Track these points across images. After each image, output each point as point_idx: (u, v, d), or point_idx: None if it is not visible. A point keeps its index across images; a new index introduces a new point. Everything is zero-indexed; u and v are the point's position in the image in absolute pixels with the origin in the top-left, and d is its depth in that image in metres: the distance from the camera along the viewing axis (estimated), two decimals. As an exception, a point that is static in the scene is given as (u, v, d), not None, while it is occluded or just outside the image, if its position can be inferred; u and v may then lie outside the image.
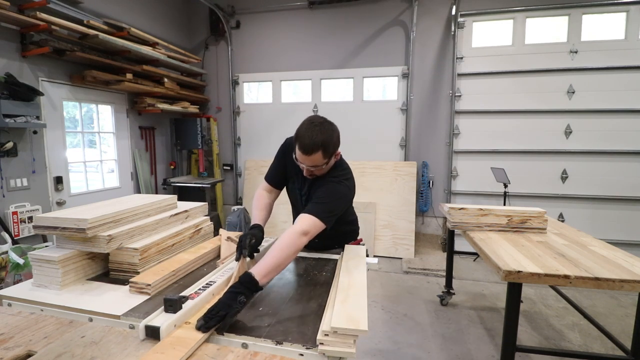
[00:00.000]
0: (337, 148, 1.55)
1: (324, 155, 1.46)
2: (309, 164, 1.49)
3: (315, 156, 1.45)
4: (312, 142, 1.43)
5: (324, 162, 1.50)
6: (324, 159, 1.48)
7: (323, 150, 1.45)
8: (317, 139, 1.43)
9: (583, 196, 4.51)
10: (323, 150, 1.45)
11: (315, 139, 1.43)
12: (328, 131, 1.48)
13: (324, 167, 1.54)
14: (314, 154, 1.45)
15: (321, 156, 1.46)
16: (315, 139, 1.43)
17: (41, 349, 0.98)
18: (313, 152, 1.44)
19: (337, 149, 1.55)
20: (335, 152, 1.54)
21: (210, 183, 4.99)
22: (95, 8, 3.84)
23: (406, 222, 4.67)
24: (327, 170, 1.58)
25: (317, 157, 1.46)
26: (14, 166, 3.12)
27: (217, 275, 1.38)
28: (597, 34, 4.33)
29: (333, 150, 1.51)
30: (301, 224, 1.34)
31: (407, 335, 2.82)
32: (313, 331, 1.04)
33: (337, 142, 1.54)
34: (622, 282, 1.71)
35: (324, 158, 1.48)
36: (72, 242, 1.41)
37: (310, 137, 1.44)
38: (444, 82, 4.83)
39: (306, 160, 1.48)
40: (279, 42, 5.34)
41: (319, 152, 1.45)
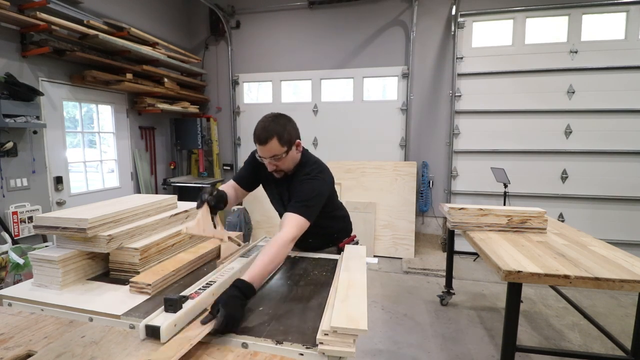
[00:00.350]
0: (294, 137, 1.55)
1: (280, 142, 1.48)
2: (268, 154, 1.50)
3: (271, 144, 1.47)
4: (265, 130, 1.47)
5: (282, 151, 1.50)
6: (281, 147, 1.49)
7: (278, 137, 1.47)
8: (270, 127, 1.47)
9: (583, 196, 4.51)
10: (278, 138, 1.47)
11: (267, 127, 1.47)
12: (281, 120, 1.52)
13: (286, 158, 1.54)
14: (270, 142, 1.47)
15: (277, 144, 1.48)
16: (268, 127, 1.47)
17: (41, 349, 0.98)
18: (268, 140, 1.46)
19: (295, 138, 1.56)
20: (294, 141, 1.55)
21: (210, 183, 4.99)
22: (95, 8, 3.84)
23: (406, 222, 4.67)
24: (292, 165, 1.60)
25: (274, 144, 1.47)
26: (14, 166, 3.12)
27: (217, 275, 1.38)
28: (597, 34, 4.33)
29: (289, 137, 1.51)
30: (287, 230, 1.38)
31: (407, 335, 2.82)
32: (313, 331, 1.04)
33: (292, 130, 1.55)
34: (622, 282, 1.71)
35: (282, 146, 1.49)
36: (72, 242, 1.41)
37: (263, 127, 1.48)
38: (444, 82, 4.83)
39: (265, 152, 1.50)
40: (279, 42, 5.34)
41: (274, 139, 1.46)
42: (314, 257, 1.79)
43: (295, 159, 1.61)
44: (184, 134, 5.19)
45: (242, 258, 1.59)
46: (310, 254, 1.83)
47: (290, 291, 1.38)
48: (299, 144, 1.59)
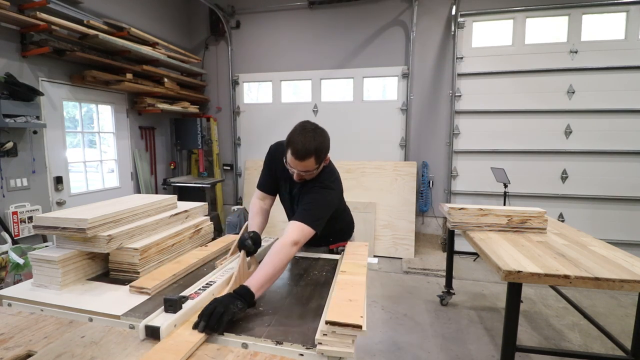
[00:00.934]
0: (327, 154, 1.58)
1: (316, 161, 1.50)
2: (301, 169, 1.51)
3: (308, 162, 1.48)
4: (305, 148, 1.45)
5: (315, 168, 1.52)
6: (315, 165, 1.51)
7: (316, 156, 1.48)
8: (311, 146, 1.46)
9: (583, 196, 4.51)
10: (316, 157, 1.48)
11: (308, 145, 1.46)
12: (320, 137, 1.51)
13: (315, 172, 1.56)
14: (307, 160, 1.47)
15: (314, 162, 1.49)
16: (309, 146, 1.46)
17: (41, 349, 0.98)
18: (306, 158, 1.47)
19: (327, 154, 1.58)
20: (326, 157, 1.58)
21: (210, 183, 4.99)
22: (95, 8, 3.84)
23: (406, 222, 4.67)
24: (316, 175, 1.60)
25: (310, 162, 1.49)
26: (14, 166, 3.12)
27: (217, 276, 1.38)
28: (597, 34, 4.33)
29: (324, 156, 1.55)
30: (291, 234, 1.38)
31: (407, 335, 2.82)
32: (313, 331, 1.04)
33: (328, 148, 1.57)
34: (622, 282, 1.71)
35: (316, 164, 1.51)
36: (72, 242, 1.41)
37: (304, 143, 1.46)
38: (444, 82, 4.83)
39: (298, 166, 1.50)
40: (279, 42, 5.34)
41: (312, 158, 1.47)
42: (314, 257, 1.79)
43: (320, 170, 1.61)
44: (184, 134, 5.19)
45: (242, 258, 1.58)
46: (310, 254, 1.83)
47: (290, 291, 1.38)
48: (328, 159, 1.63)
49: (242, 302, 1.12)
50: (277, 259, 1.28)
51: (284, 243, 1.34)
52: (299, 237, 1.38)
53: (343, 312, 1.04)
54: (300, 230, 1.40)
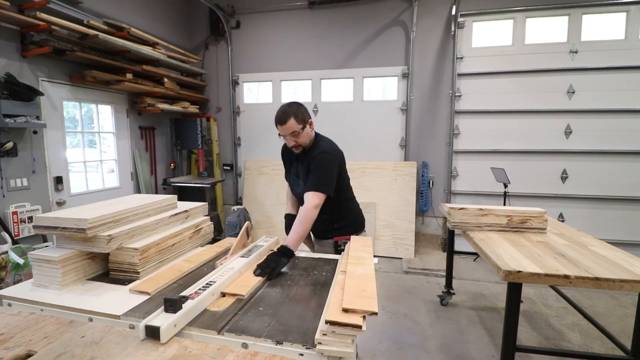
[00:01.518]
0: (307, 117, 1.88)
1: (296, 120, 1.81)
2: (288, 131, 1.82)
3: (289, 123, 1.81)
4: (284, 113, 1.82)
5: (299, 128, 1.82)
6: (298, 124, 1.82)
7: (294, 116, 1.81)
8: (287, 110, 1.83)
9: (583, 196, 4.51)
10: (294, 117, 1.81)
11: (285, 110, 1.83)
12: (294, 105, 1.87)
13: (302, 134, 1.85)
14: (288, 122, 1.80)
15: (294, 122, 1.81)
16: (286, 110, 1.83)
17: (41, 349, 0.98)
18: (286, 120, 1.80)
19: (308, 118, 1.88)
20: (307, 120, 1.87)
21: (210, 183, 4.99)
22: (95, 8, 3.84)
23: (406, 222, 4.67)
24: (307, 140, 1.90)
25: (291, 123, 1.81)
26: (14, 166, 3.12)
27: (217, 276, 1.38)
28: (597, 34, 4.33)
29: (303, 117, 1.84)
30: (311, 201, 1.75)
31: (407, 335, 2.82)
32: (313, 331, 1.04)
33: (305, 112, 1.88)
34: (622, 282, 1.71)
35: (298, 124, 1.82)
36: (72, 242, 1.41)
37: (282, 110, 1.84)
38: (444, 82, 4.83)
39: (285, 130, 1.83)
40: (279, 42, 5.34)
41: (291, 118, 1.80)
42: (314, 257, 1.79)
43: (310, 135, 1.91)
44: (184, 134, 5.19)
45: (242, 258, 1.59)
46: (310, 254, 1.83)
47: (291, 291, 1.38)
48: (312, 123, 1.92)
49: (286, 258, 1.58)
50: (304, 222, 1.71)
51: (307, 208, 1.73)
52: (318, 201, 1.75)
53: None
54: (316, 196, 1.76)
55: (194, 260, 1.65)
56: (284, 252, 1.59)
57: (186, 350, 0.97)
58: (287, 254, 1.59)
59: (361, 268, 1.36)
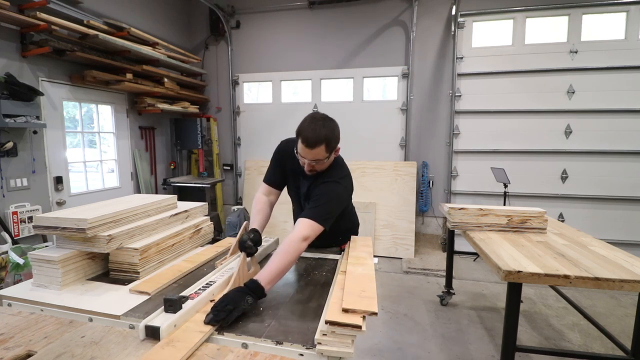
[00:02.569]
0: (337, 143, 1.58)
1: (326, 149, 1.50)
2: (312, 157, 1.51)
3: (317, 150, 1.48)
4: (316, 136, 1.46)
5: (325, 157, 1.53)
6: (326, 153, 1.51)
7: (326, 144, 1.49)
8: (321, 133, 1.47)
9: (583, 196, 4.51)
10: (326, 145, 1.49)
11: (318, 133, 1.47)
12: (330, 126, 1.52)
13: (325, 162, 1.56)
14: (317, 148, 1.48)
15: (324, 150, 1.49)
16: (319, 133, 1.47)
17: (41, 349, 0.98)
18: (316, 146, 1.47)
19: (337, 145, 1.58)
20: (336, 147, 1.58)
21: (210, 183, 4.99)
22: (95, 8, 3.84)
23: (406, 222, 4.67)
24: (327, 166, 1.61)
25: (320, 151, 1.49)
26: (14, 166, 3.12)
27: (216, 276, 1.38)
28: (597, 34, 4.33)
29: (334, 145, 1.55)
30: (301, 230, 1.37)
31: (407, 335, 2.82)
32: (313, 331, 1.04)
33: (338, 137, 1.57)
34: (622, 282, 1.71)
35: (326, 152, 1.51)
36: (72, 242, 1.41)
37: (314, 131, 1.47)
38: (444, 82, 4.83)
39: (309, 155, 1.50)
40: (279, 42, 5.34)
41: (322, 146, 1.48)
42: (314, 257, 1.79)
43: (331, 161, 1.62)
44: (184, 134, 5.19)
45: (242, 258, 1.59)
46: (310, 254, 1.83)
47: (290, 291, 1.38)
48: (339, 150, 1.63)
49: (252, 298, 1.16)
50: (287, 254, 1.30)
51: (293, 239, 1.34)
52: (308, 233, 1.38)
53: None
54: (310, 227, 1.40)
55: (194, 260, 1.65)
56: (252, 289, 1.17)
57: (186, 350, 0.97)
58: (256, 293, 1.17)
59: (361, 268, 1.36)
